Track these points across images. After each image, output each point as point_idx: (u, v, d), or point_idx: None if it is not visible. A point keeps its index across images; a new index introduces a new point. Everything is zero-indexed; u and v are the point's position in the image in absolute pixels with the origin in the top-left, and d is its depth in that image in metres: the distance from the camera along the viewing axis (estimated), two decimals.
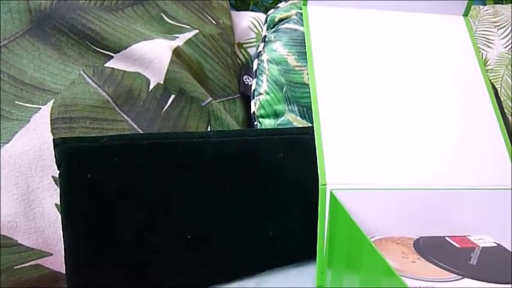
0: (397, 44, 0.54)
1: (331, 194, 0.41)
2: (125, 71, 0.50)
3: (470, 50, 0.55)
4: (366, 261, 0.32)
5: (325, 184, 0.43)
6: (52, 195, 0.44)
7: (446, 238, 0.43)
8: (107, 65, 0.49)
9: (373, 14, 0.55)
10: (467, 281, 0.35)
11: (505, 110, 0.63)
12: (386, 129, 0.48)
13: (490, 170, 0.47)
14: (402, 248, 0.40)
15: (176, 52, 0.53)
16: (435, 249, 0.40)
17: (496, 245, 0.42)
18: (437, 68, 0.53)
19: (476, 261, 0.38)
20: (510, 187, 0.46)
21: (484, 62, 0.76)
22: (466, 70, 0.53)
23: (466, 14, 0.58)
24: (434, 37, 0.55)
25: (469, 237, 0.43)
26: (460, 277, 0.35)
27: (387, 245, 0.41)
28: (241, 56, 0.65)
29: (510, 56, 0.75)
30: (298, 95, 0.55)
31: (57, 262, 0.44)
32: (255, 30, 0.66)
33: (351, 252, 0.36)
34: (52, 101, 0.46)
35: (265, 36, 0.61)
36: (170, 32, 0.56)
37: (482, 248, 0.41)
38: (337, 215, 0.39)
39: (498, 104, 0.54)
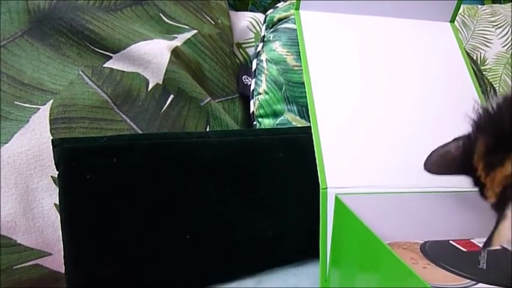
0: (387, 49, 0.54)
1: (337, 199, 0.41)
2: (123, 71, 0.50)
3: (458, 56, 0.55)
4: (384, 266, 0.32)
5: (326, 188, 0.43)
6: (51, 195, 0.44)
7: (451, 242, 0.42)
8: (105, 65, 0.49)
9: (363, 19, 0.56)
10: (481, 286, 0.35)
11: None
12: (384, 133, 0.48)
13: None
14: (410, 253, 0.40)
15: (175, 52, 0.53)
16: (443, 254, 0.40)
17: (500, 247, 0.42)
18: (427, 72, 0.53)
19: (485, 265, 0.38)
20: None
21: (482, 62, 0.76)
22: (455, 75, 0.54)
23: (452, 21, 0.58)
24: (422, 43, 0.56)
25: (472, 240, 0.43)
26: (474, 282, 0.35)
27: (395, 251, 0.41)
28: (240, 56, 0.65)
29: (508, 55, 0.75)
30: (297, 94, 0.55)
31: (56, 262, 0.44)
32: (254, 30, 0.66)
33: (365, 255, 0.35)
34: (51, 101, 0.46)
35: (264, 36, 0.61)
36: (169, 32, 0.56)
37: (488, 251, 0.40)
38: (344, 219, 0.39)
39: None
